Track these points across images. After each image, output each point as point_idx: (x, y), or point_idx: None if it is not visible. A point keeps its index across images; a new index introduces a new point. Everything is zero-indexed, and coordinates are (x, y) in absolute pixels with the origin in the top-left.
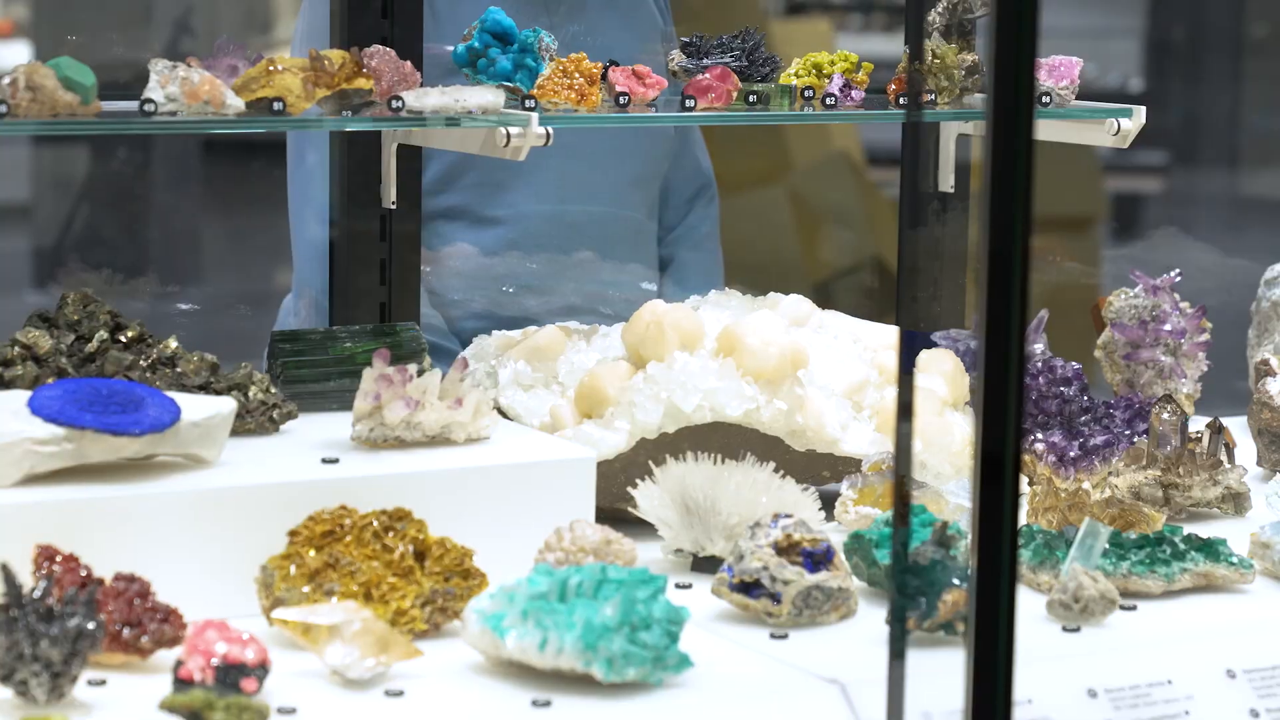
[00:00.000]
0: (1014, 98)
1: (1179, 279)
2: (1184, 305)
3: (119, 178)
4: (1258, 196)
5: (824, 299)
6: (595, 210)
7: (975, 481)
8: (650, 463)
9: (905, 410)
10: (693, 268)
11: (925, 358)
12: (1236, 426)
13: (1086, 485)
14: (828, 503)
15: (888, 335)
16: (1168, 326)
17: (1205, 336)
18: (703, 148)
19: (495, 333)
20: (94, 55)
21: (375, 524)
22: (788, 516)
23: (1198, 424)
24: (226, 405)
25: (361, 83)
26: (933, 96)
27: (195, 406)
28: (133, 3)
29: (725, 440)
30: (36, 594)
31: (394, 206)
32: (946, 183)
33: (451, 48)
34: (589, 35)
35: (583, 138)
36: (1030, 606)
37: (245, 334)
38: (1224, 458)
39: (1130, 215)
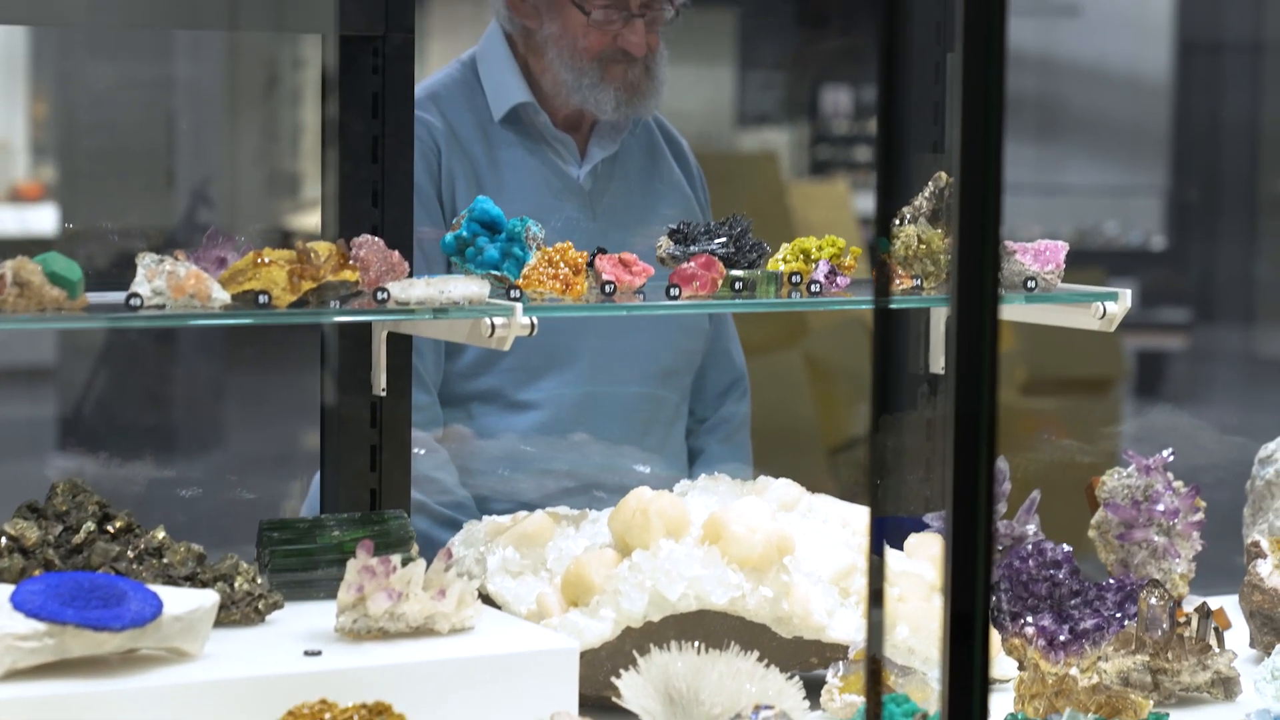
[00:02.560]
0: (978, 279)
1: (1171, 458)
2: (1178, 485)
3: (139, 341)
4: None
5: (837, 466)
6: (627, 398)
7: (944, 641)
8: (635, 651)
9: (876, 597)
10: (723, 461)
11: (914, 542)
12: (1233, 605)
13: (1074, 671)
14: (815, 689)
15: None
16: (1160, 506)
17: (1199, 516)
18: (736, 341)
19: (485, 518)
20: (116, 220)
21: (355, 719)
22: (769, 708)
23: (1196, 603)
24: (209, 599)
25: (347, 274)
26: (919, 281)
27: (177, 600)
28: (155, 168)
29: (711, 627)
30: None
31: (384, 394)
32: (937, 364)
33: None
34: (633, 238)
35: (617, 327)
36: None
37: (271, 497)
38: (1213, 642)
39: (1155, 373)
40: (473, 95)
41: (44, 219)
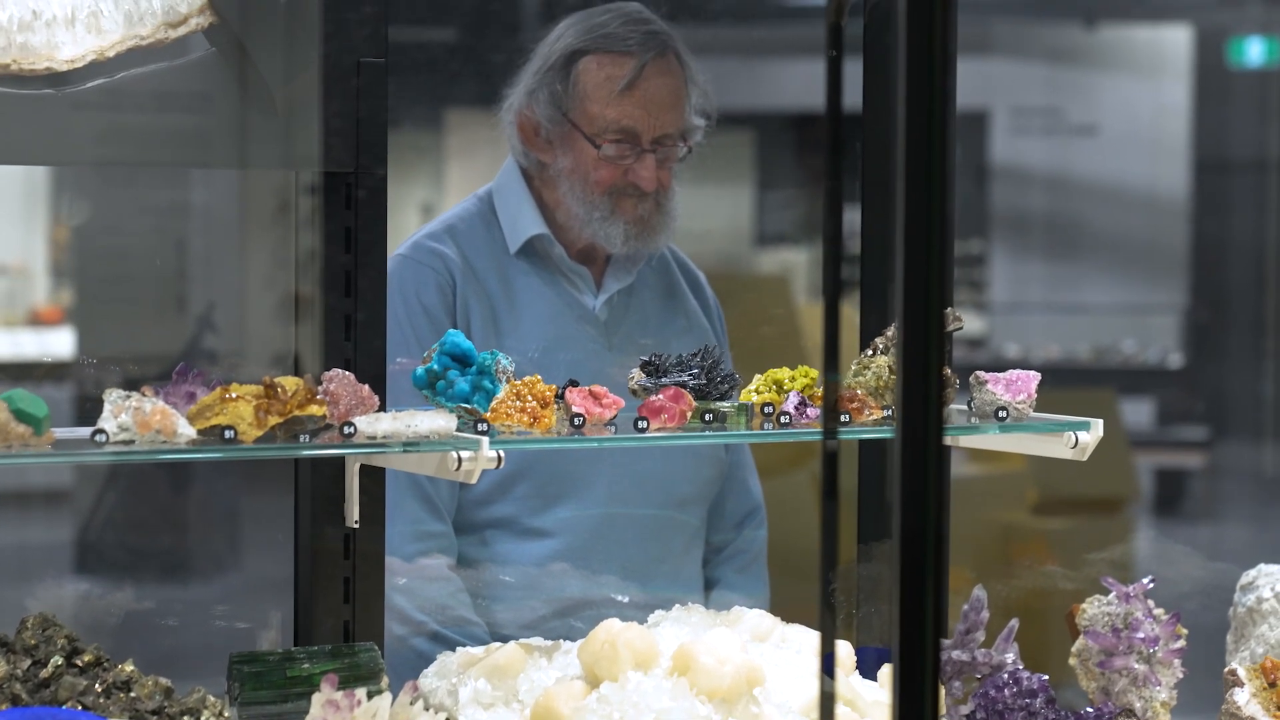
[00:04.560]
0: (921, 406)
1: (1151, 585)
2: (1159, 612)
3: (143, 465)
4: None
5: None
6: (642, 527)
7: None
8: None
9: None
10: (739, 590)
11: (887, 671)
12: None
13: None
14: None
15: (850, 649)
16: (1141, 634)
17: (1180, 643)
18: (753, 472)
19: (459, 649)
20: (128, 345)
21: None
22: None
23: None
24: None
25: (314, 409)
26: (889, 411)
27: None
28: (167, 293)
29: None
30: None
31: (357, 525)
32: None
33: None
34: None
35: (632, 457)
36: None
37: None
38: None
39: (1173, 491)
40: (489, 229)
41: (62, 342)
